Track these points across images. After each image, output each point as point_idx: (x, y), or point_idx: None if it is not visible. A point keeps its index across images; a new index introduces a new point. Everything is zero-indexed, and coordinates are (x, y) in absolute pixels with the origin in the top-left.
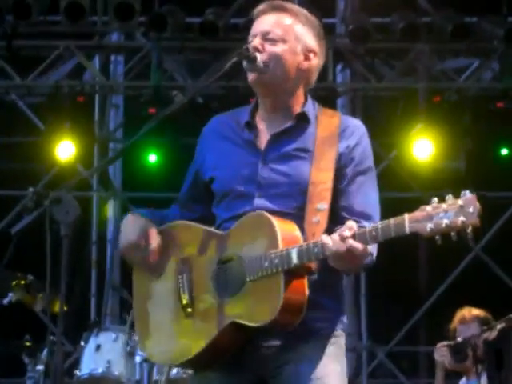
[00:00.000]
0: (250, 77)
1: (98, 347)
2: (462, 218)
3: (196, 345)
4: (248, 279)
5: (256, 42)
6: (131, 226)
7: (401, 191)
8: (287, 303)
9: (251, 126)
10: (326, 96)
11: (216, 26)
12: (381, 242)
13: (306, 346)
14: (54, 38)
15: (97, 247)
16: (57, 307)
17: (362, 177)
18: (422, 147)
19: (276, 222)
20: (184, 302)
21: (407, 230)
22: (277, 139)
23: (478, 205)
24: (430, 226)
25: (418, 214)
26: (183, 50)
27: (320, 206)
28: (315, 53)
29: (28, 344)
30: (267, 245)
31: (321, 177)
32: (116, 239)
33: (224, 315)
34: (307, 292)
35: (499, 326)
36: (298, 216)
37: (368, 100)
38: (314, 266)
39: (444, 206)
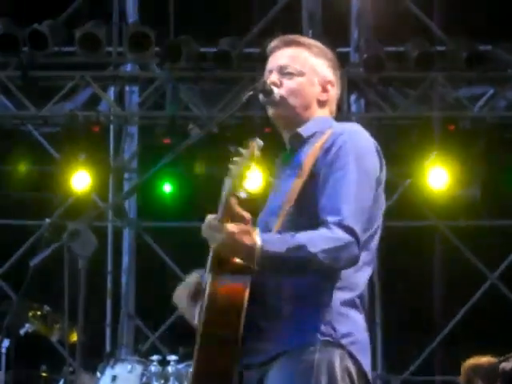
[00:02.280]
0: (270, 111)
1: (114, 378)
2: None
3: (193, 369)
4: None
5: (273, 77)
6: (183, 285)
7: (416, 220)
8: (214, 304)
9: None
10: None
11: (230, 56)
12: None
13: (279, 361)
14: (70, 69)
15: (112, 277)
16: (73, 338)
17: (336, 175)
18: (437, 176)
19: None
20: (197, 328)
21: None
22: (281, 167)
23: (253, 147)
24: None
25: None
26: (198, 80)
27: (285, 208)
28: (332, 83)
29: (44, 374)
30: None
31: (297, 183)
32: (131, 269)
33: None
34: (243, 290)
35: None
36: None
37: (383, 129)
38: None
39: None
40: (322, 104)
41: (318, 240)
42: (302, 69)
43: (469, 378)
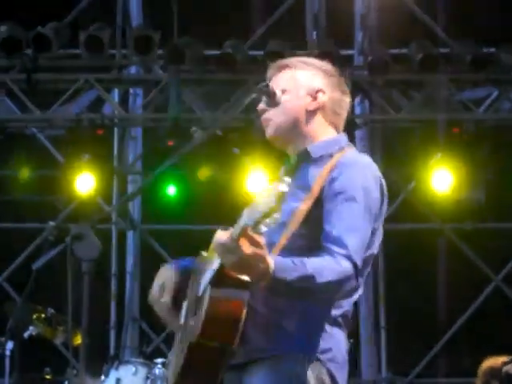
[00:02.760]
0: (266, 131)
1: (118, 381)
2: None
3: (175, 370)
4: (198, 297)
5: (260, 106)
6: (156, 279)
7: (419, 222)
8: (214, 315)
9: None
10: (344, 128)
11: (234, 59)
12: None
13: (254, 368)
14: (74, 71)
15: (116, 279)
16: (77, 340)
17: (342, 206)
18: (441, 178)
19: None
20: (181, 326)
21: (248, 221)
22: (290, 178)
23: (277, 190)
24: (256, 216)
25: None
26: (201, 83)
27: (291, 229)
28: (322, 90)
29: (48, 377)
30: (211, 261)
31: (303, 206)
32: (135, 271)
33: (189, 338)
34: (243, 304)
35: None
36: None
37: (386, 131)
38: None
39: (263, 193)
40: (312, 113)
41: (325, 271)
42: (285, 87)
43: (486, 380)
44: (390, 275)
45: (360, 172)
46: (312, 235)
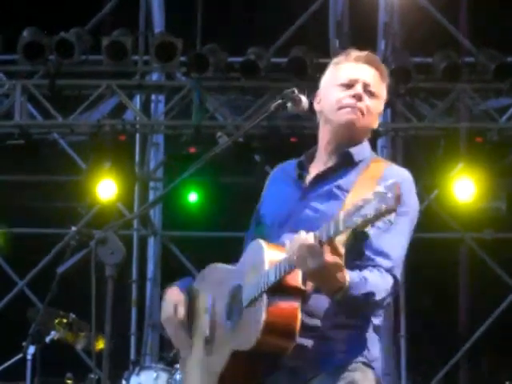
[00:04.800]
0: (350, 116)
1: None
2: (382, 205)
3: (211, 381)
4: (244, 306)
5: (359, 89)
6: (166, 303)
7: (442, 231)
8: (271, 324)
9: (301, 165)
10: None
11: (257, 66)
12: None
13: (317, 379)
14: (96, 77)
15: (137, 286)
16: (99, 346)
17: (393, 219)
18: (463, 187)
19: (267, 246)
20: (205, 338)
21: (341, 226)
22: (320, 178)
23: (396, 190)
24: (358, 219)
25: (350, 208)
26: (224, 90)
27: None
28: (381, 112)
29: (69, 382)
30: (257, 270)
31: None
32: (156, 277)
33: (228, 347)
34: (299, 314)
35: None
36: None
37: (409, 140)
38: (303, 286)
39: (370, 196)
40: (370, 132)
41: (380, 288)
42: (379, 93)
43: None
44: (410, 284)
45: (411, 188)
46: (351, 242)
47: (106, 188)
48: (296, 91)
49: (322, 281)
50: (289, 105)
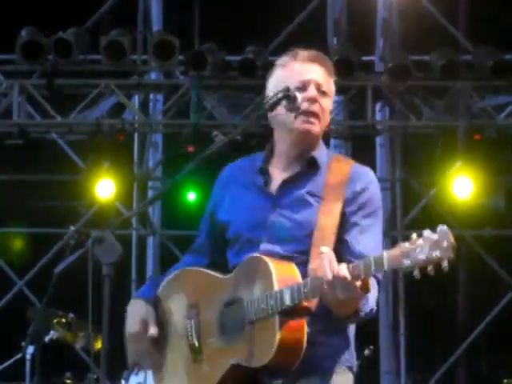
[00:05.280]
0: (306, 126)
1: None
2: (436, 253)
3: None
4: (247, 321)
5: (313, 92)
6: (131, 317)
7: None
8: (284, 344)
9: (264, 171)
10: (364, 134)
11: (255, 64)
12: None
13: (304, 382)
14: (94, 77)
15: (135, 285)
16: (98, 345)
17: (366, 221)
18: (462, 185)
19: (272, 263)
20: (192, 347)
21: (386, 267)
22: (287, 184)
23: (451, 238)
24: (407, 262)
25: (396, 250)
26: (222, 88)
27: (323, 249)
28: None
29: (69, 381)
30: (264, 286)
31: (327, 221)
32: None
33: (226, 358)
34: (306, 332)
35: None
36: (302, 260)
37: (407, 138)
38: (311, 305)
39: (420, 241)
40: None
41: (375, 300)
42: (329, 91)
43: None
44: (409, 282)
45: (377, 187)
46: (337, 249)
47: (105, 187)
48: (291, 89)
49: (342, 309)
50: (283, 103)
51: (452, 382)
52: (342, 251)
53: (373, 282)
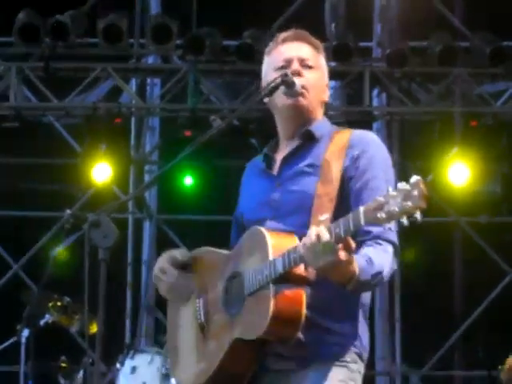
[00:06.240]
0: (290, 101)
1: (134, 369)
2: (408, 203)
3: (209, 368)
4: (246, 294)
5: (296, 66)
6: (160, 261)
7: (437, 216)
8: (279, 314)
9: (267, 156)
10: (361, 120)
11: (253, 49)
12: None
13: (314, 368)
14: (91, 60)
15: (132, 269)
16: (93, 329)
17: (370, 185)
18: (458, 172)
19: (269, 233)
20: (200, 324)
21: (362, 221)
22: (287, 161)
23: (422, 187)
24: (382, 215)
25: (371, 204)
26: (220, 73)
27: (322, 218)
28: (328, 84)
29: (64, 365)
30: (261, 258)
31: (326, 189)
32: (151, 261)
33: (230, 334)
34: (304, 302)
35: None
36: (305, 232)
37: (404, 124)
38: (310, 275)
39: (393, 193)
40: (323, 105)
41: (385, 264)
42: (316, 64)
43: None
44: (405, 268)
45: (380, 148)
46: (338, 216)
47: (101, 171)
48: (289, 74)
49: (333, 275)
50: (281, 88)
51: (448, 367)
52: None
53: (385, 247)
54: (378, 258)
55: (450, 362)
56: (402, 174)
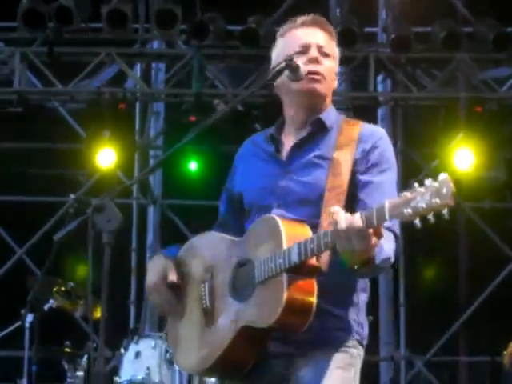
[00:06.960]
0: (314, 83)
1: (138, 354)
2: (436, 200)
3: (213, 353)
4: (257, 282)
5: (314, 53)
6: (151, 270)
7: None
8: (291, 303)
9: (274, 138)
10: (366, 105)
11: (257, 34)
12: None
13: (315, 353)
14: (96, 45)
15: (136, 254)
16: (97, 314)
17: (378, 178)
18: (463, 157)
19: (283, 222)
20: (205, 310)
21: (387, 216)
22: (297, 149)
23: (451, 185)
24: (408, 211)
25: (397, 200)
26: (224, 58)
27: (333, 209)
28: (337, 71)
29: (68, 350)
30: (273, 246)
31: (336, 182)
32: (155, 246)
33: (237, 321)
34: (316, 292)
35: None
36: (314, 223)
37: (409, 110)
38: (322, 265)
39: (421, 189)
40: (332, 90)
41: (391, 250)
42: (332, 53)
43: None
44: (409, 253)
45: (388, 143)
46: (348, 209)
47: (106, 156)
48: (294, 58)
49: (357, 259)
50: (286, 73)
51: (451, 352)
52: (356, 210)
53: (388, 235)
54: (386, 245)
55: (454, 347)
56: (407, 160)
